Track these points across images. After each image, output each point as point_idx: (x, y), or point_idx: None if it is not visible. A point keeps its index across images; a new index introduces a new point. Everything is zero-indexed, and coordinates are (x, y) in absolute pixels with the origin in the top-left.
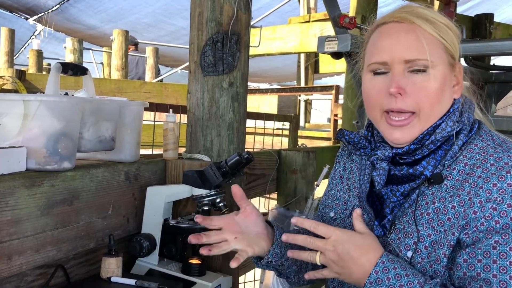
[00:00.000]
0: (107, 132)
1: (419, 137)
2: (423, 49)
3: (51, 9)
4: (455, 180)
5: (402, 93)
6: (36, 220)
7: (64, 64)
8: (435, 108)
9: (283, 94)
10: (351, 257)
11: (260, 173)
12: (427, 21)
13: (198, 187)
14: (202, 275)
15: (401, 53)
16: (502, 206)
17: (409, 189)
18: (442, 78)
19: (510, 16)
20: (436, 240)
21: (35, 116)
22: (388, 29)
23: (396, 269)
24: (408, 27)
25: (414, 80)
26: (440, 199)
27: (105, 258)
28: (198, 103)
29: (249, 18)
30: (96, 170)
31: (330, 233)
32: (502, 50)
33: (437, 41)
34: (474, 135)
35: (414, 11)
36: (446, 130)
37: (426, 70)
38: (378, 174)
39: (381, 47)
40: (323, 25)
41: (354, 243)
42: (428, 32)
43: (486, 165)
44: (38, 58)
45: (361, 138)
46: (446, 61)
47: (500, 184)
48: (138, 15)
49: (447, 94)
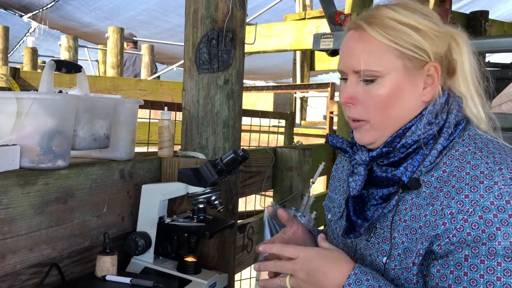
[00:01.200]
0: (101, 130)
1: (388, 140)
2: (368, 60)
3: (46, 6)
4: (433, 187)
5: (354, 103)
6: (30, 219)
7: (57, 61)
8: (387, 115)
9: (279, 91)
10: (321, 271)
11: (256, 170)
12: (381, 26)
13: (193, 185)
14: (197, 273)
15: (350, 64)
16: (474, 218)
17: (387, 193)
18: (393, 86)
19: (505, 13)
20: (408, 247)
21: (29, 114)
22: (347, 37)
23: (369, 281)
24: (359, 35)
25: (364, 89)
26: (417, 207)
27: (100, 256)
28: (193, 101)
29: (244, 15)
30: (91, 168)
31: (298, 253)
32: (497, 47)
33: (388, 48)
34: (456, 138)
35: (372, 15)
36: (416, 133)
37: (374, 80)
38: (353, 179)
39: (340, 56)
40: (319, 22)
41: (323, 258)
42: (378, 40)
43: (462, 174)
44: (32, 55)
45: (343, 143)
46: (400, 66)
47: (472, 196)
48: (133, 12)
49: (406, 99)
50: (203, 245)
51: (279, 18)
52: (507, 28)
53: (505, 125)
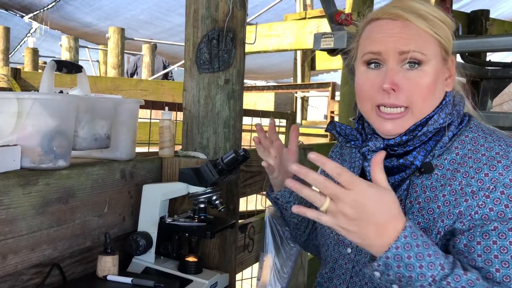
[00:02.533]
0: (102, 130)
1: (411, 128)
2: (417, 43)
3: (47, 6)
4: (445, 169)
5: (396, 89)
6: (31, 219)
7: (58, 62)
8: (427, 102)
9: (279, 91)
10: (375, 220)
11: (257, 170)
12: (421, 17)
13: (194, 185)
14: (198, 272)
15: (395, 45)
16: (495, 193)
17: (400, 179)
18: (435, 73)
19: (506, 12)
20: (425, 227)
21: (29, 115)
22: (382, 25)
23: (419, 247)
24: (402, 24)
25: (408, 76)
26: (431, 189)
27: (101, 256)
28: (194, 101)
29: (245, 15)
30: (92, 168)
31: (355, 185)
32: (498, 46)
33: (431, 37)
34: (464, 127)
35: (408, 6)
36: (438, 122)
37: (420, 64)
38: (370, 164)
39: (375, 39)
40: (319, 22)
41: (383, 205)
42: (422, 29)
43: (477, 155)
44: (33, 56)
45: (352, 130)
46: (439, 56)
47: (492, 174)
48: (134, 12)
49: (439, 87)
50: (204, 245)
51: (280, 17)
52: (507, 27)
53: (506, 124)
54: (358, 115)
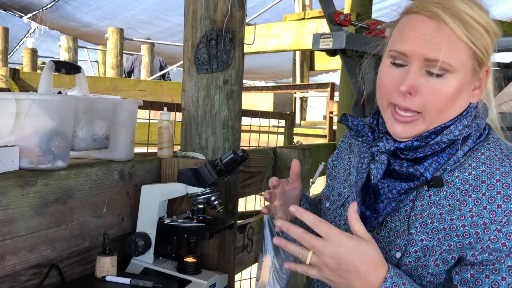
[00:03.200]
0: (101, 130)
1: (424, 134)
2: (446, 52)
3: (46, 6)
4: (455, 188)
5: (413, 93)
6: (30, 220)
7: (57, 62)
8: (444, 112)
9: (278, 91)
10: (355, 269)
11: (256, 170)
12: (461, 21)
13: (193, 185)
14: (197, 273)
15: (423, 50)
16: (508, 228)
17: (407, 188)
18: (459, 85)
19: (503, 13)
20: (428, 246)
21: (28, 115)
22: (416, 22)
23: (405, 285)
24: (438, 25)
25: (429, 82)
26: (438, 206)
27: (99, 257)
28: (192, 101)
29: (244, 15)
30: (90, 168)
31: (332, 236)
32: (497, 46)
33: (465, 47)
34: (482, 142)
35: (451, 6)
36: (454, 133)
37: (443, 74)
38: (376, 167)
39: (405, 37)
40: (318, 22)
41: (361, 255)
42: (458, 36)
43: (492, 181)
44: (32, 56)
45: (365, 126)
46: (470, 67)
47: (506, 206)
48: (133, 12)
49: (463, 99)
50: (203, 245)
51: (279, 17)
52: (506, 27)
53: (504, 125)
54: (374, 110)
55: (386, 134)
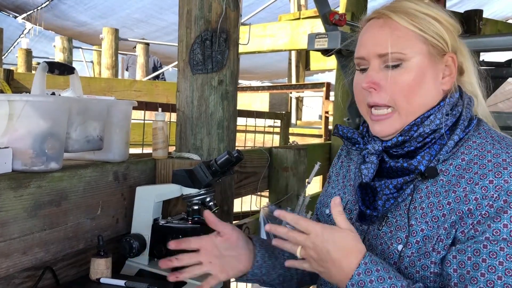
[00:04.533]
0: (95, 131)
1: (405, 128)
2: (395, 43)
3: (41, 6)
4: (451, 175)
5: (376, 88)
6: (23, 222)
7: (50, 63)
8: (412, 101)
9: (274, 91)
10: (331, 258)
11: (252, 171)
12: (406, 14)
13: (188, 187)
14: None
15: (374, 48)
16: (499, 202)
17: (402, 182)
18: (418, 70)
19: (499, 11)
20: (428, 235)
21: (21, 117)
22: (368, 26)
23: (379, 271)
24: (384, 22)
25: (388, 74)
26: (435, 194)
27: (94, 259)
28: (187, 102)
29: (238, 16)
30: (84, 170)
31: (310, 229)
32: (492, 46)
33: (414, 34)
34: (472, 131)
35: (395, 6)
36: (434, 122)
37: (399, 64)
38: (366, 167)
39: (360, 43)
40: (314, 22)
41: (334, 243)
42: (403, 26)
43: (483, 161)
44: (27, 57)
45: (354, 133)
46: (425, 53)
47: (497, 181)
48: (128, 11)
49: (429, 86)
50: None
51: (274, 15)
52: (501, 27)
53: (499, 124)
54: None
55: (374, 137)
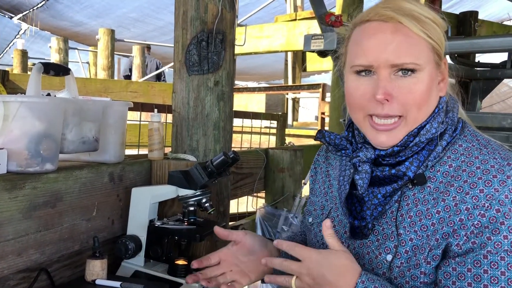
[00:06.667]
0: (90, 133)
1: (403, 139)
2: (410, 52)
3: (37, 6)
4: (438, 182)
5: (389, 99)
6: (18, 224)
7: (45, 64)
8: (422, 110)
9: (270, 92)
10: (327, 280)
11: (248, 172)
12: (414, 19)
13: (183, 188)
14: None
15: (388, 57)
16: (491, 212)
17: (391, 190)
18: (429, 79)
19: (494, 13)
20: (418, 245)
21: (16, 118)
22: (372, 29)
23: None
24: (394, 27)
25: (401, 84)
26: (423, 202)
27: (89, 260)
28: (183, 103)
29: (234, 17)
30: (80, 171)
31: (305, 256)
32: (487, 47)
33: (424, 42)
34: (458, 135)
35: (399, 7)
36: (430, 132)
37: (413, 73)
38: (361, 177)
39: (366, 49)
40: (310, 23)
41: (330, 266)
42: (415, 33)
43: (472, 169)
44: (22, 58)
45: (342, 139)
46: (433, 61)
47: (487, 190)
48: (125, 10)
49: (433, 93)
50: (194, 247)
51: (270, 16)
52: (496, 28)
53: (494, 125)
54: (348, 122)
55: (365, 144)
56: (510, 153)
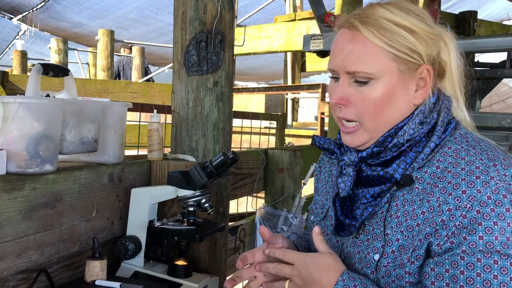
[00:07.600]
0: (89, 133)
1: (380, 139)
2: (362, 61)
3: (36, 7)
4: (426, 183)
5: (345, 104)
6: (17, 225)
7: (44, 65)
8: (378, 119)
9: (270, 92)
10: (313, 279)
11: (247, 172)
12: (376, 26)
13: (183, 188)
14: (188, 276)
15: (343, 64)
16: (472, 213)
17: (379, 191)
18: (387, 89)
19: (493, 13)
20: (403, 245)
21: (15, 119)
22: (339, 35)
23: (356, 286)
24: (354, 35)
25: (358, 90)
26: (410, 202)
27: (89, 261)
28: (182, 103)
29: (233, 17)
30: (79, 172)
31: (295, 259)
32: (486, 47)
33: (383, 50)
34: (448, 137)
35: (368, 15)
36: (408, 133)
37: (368, 81)
38: (343, 181)
39: (331, 54)
40: (309, 23)
41: (315, 266)
42: (372, 41)
43: (457, 170)
44: (22, 59)
45: (331, 143)
46: (394, 70)
47: (470, 191)
48: (124, 11)
49: (398, 103)
50: (193, 248)
51: (269, 16)
52: (495, 28)
53: (494, 124)
54: None
55: (351, 148)
56: (500, 154)
